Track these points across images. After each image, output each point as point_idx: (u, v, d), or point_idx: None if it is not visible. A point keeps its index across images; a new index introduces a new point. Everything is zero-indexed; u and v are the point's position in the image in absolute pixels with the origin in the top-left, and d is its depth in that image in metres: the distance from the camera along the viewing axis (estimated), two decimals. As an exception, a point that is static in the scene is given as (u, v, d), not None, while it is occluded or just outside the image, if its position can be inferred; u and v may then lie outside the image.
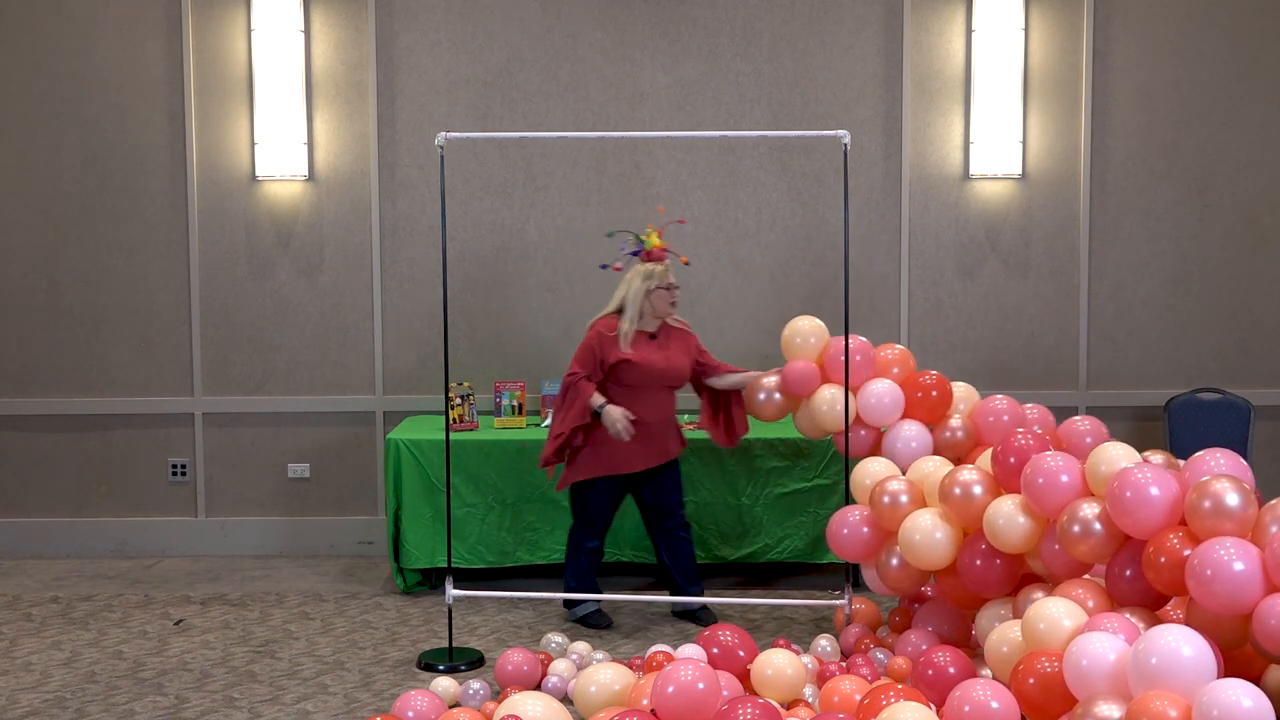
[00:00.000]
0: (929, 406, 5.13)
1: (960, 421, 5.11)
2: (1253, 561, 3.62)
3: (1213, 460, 4.05)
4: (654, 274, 5.24)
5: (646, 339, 5.28)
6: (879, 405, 5.09)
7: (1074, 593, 4.04)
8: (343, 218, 6.48)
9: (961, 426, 5.09)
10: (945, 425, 5.13)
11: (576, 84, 6.43)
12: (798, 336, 5.29)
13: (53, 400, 6.53)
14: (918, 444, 5.04)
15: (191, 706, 4.45)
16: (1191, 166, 6.46)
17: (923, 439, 5.06)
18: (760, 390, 5.31)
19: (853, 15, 6.41)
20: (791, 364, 5.25)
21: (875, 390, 5.11)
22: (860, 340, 5.19)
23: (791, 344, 5.30)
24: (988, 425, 5.09)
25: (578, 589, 5.36)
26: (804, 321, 5.32)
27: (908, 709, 3.63)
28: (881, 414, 5.11)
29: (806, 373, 5.22)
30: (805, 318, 5.33)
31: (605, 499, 5.31)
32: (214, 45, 6.40)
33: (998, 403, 5.12)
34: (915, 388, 5.14)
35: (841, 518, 4.85)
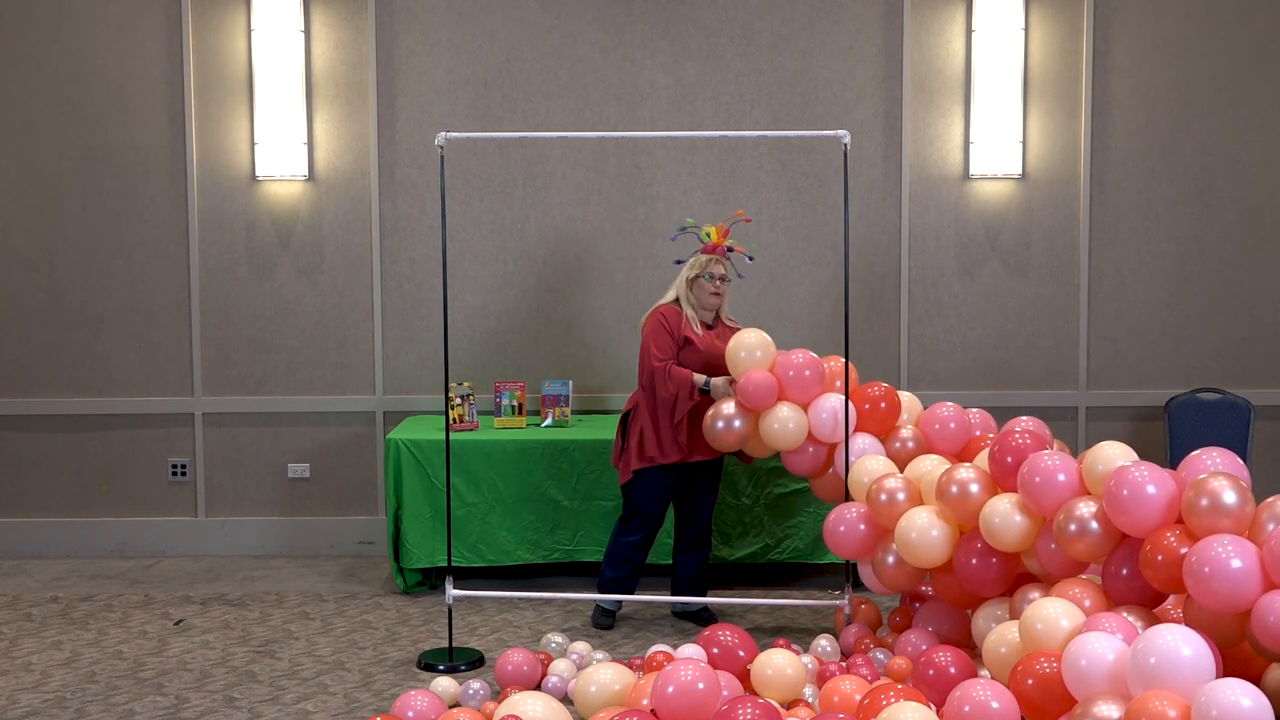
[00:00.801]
0: (879, 418, 5.08)
1: (910, 432, 5.08)
2: (1250, 559, 3.63)
3: (1209, 459, 4.06)
4: (699, 263, 5.27)
5: (704, 329, 5.30)
6: (831, 421, 5.02)
7: (1071, 592, 4.04)
8: (343, 218, 6.48)
9: (912, 436, 5.06)
10: (896, 436, 5.08)
11: (576, 84, 6.43)
12: (743, 350, 5.09)
13: (53, 400, 6.53)
14: (872, 459, 4.98)
15: (191, 706, 4.45)
16: (1191, 166, 6.47)
17: (876, 452, 5.01)
18: (719, 419, 5.09)
19: (853, 15, 6.41)
20: (749, 374, 5.05)
21: (828, 405, 5.03)
22: (808, 355, 5.09)
23: (736, 358, 5.10)
24: (935, 433, 5.06)
25: (611, 579, 5.36)
26: (750, 335, 5.13)
27: (908, 709, 3.63)
28: (833, 430, 5.03)
29: (765, 384, 5.01)
30: (751, 331, 5.17)
31: (654, 491, 5.29)
32: (214, 45, 6.40)
33: (944, 410, 5.10)
34: (864, 400, 5.08)
35: (838, 515, 4.86)
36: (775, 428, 5.02)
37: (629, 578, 5.37)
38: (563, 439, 5.86)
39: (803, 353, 5.09)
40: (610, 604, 5.40)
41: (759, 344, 5.11)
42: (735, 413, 5.07)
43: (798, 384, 5.03)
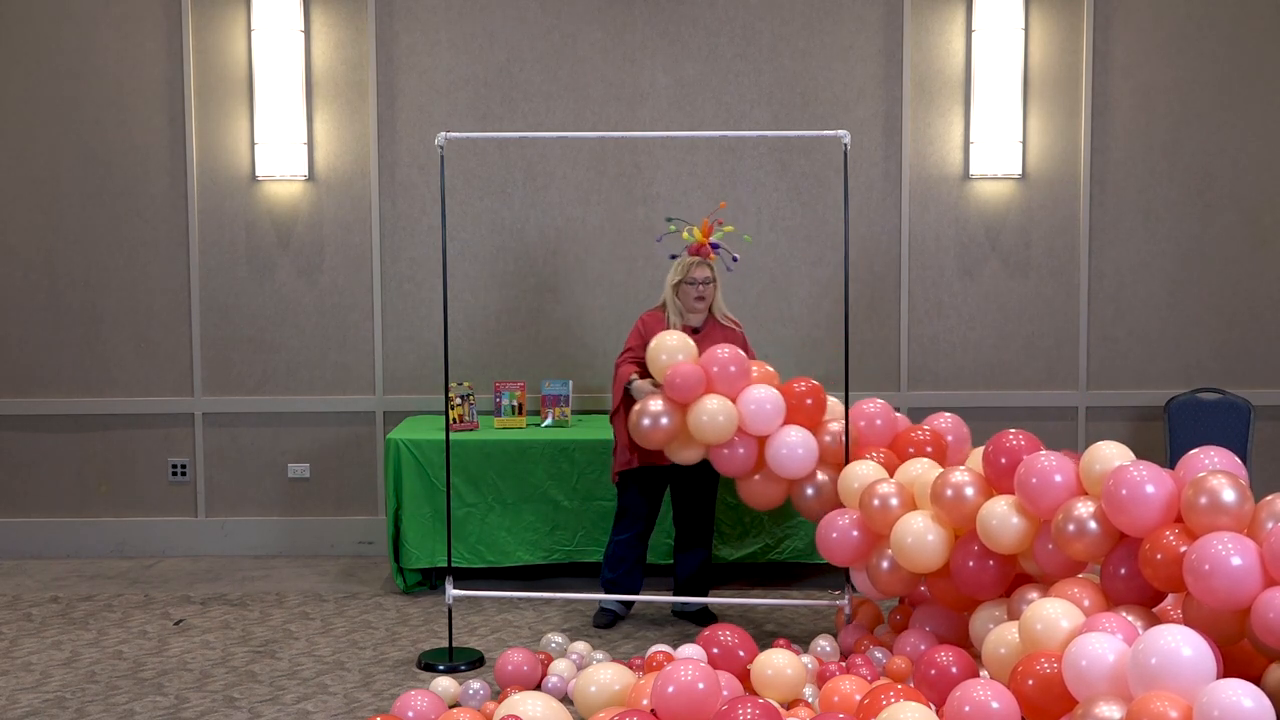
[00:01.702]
0: (808, 413, 5.04)
1: (840, 426, 5.05)
2: (1250, 556, 3.63)
3: (1206, 458, 4.07)
4: (683, 266, 5.27)
5: (689, 333, 5.26)
6: (760, 412, 4.93)
7: (1070, 592, 4.04)
8: (343, 218, 6.48)
9: (841, 431, 5.03)
10: (825, 430, 5.06)
11: (576, 84, 6.43)
12: (664, 353, 5.03)
13: (53, 400, 6.53)
14: (804, 450, 4.95)
15: (191, 706, 4.45)
16: (1191, 166, 6.47)
17: (809, 444, 4.96)
18: (645, 415, 4.98)
19: (853, 15, 6.41)
20: (677, 366, 4.96)
21: (757, 397, 4.96)
22: (735, 350, 5.03)
23: (658, 361, 5.04)
24: (860, 430, 5.07)
25: (608, 579, 5.38)
26: (671, 338, 5.07)
27: (908, 709, 3.63)
28: (764, 421, 4.95)
29: (692, 375, 4.93)
30: (672, 333, 5.10)
31: (641, 492, 5.30)
32: (214, 45, 6.40)
33: (870, 406, 5.12)
34: (793, 395, 5.03)
35: (830, 521, 4.83)
36: (704, 420, 4.91)
37: (626, 577, 5.37)
38: (563, 439, 5.86)
39: (727, 347, 5.04)
40: (611, 604, 5.40)
41: (680, 346, 5.06)
42: (662, 409, 4.97)
43: (724, 377, 4.97)
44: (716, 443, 4.98)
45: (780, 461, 4.96)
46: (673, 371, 4.96)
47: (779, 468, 4.97)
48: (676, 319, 5.27)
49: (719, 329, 5.32)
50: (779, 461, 4.96)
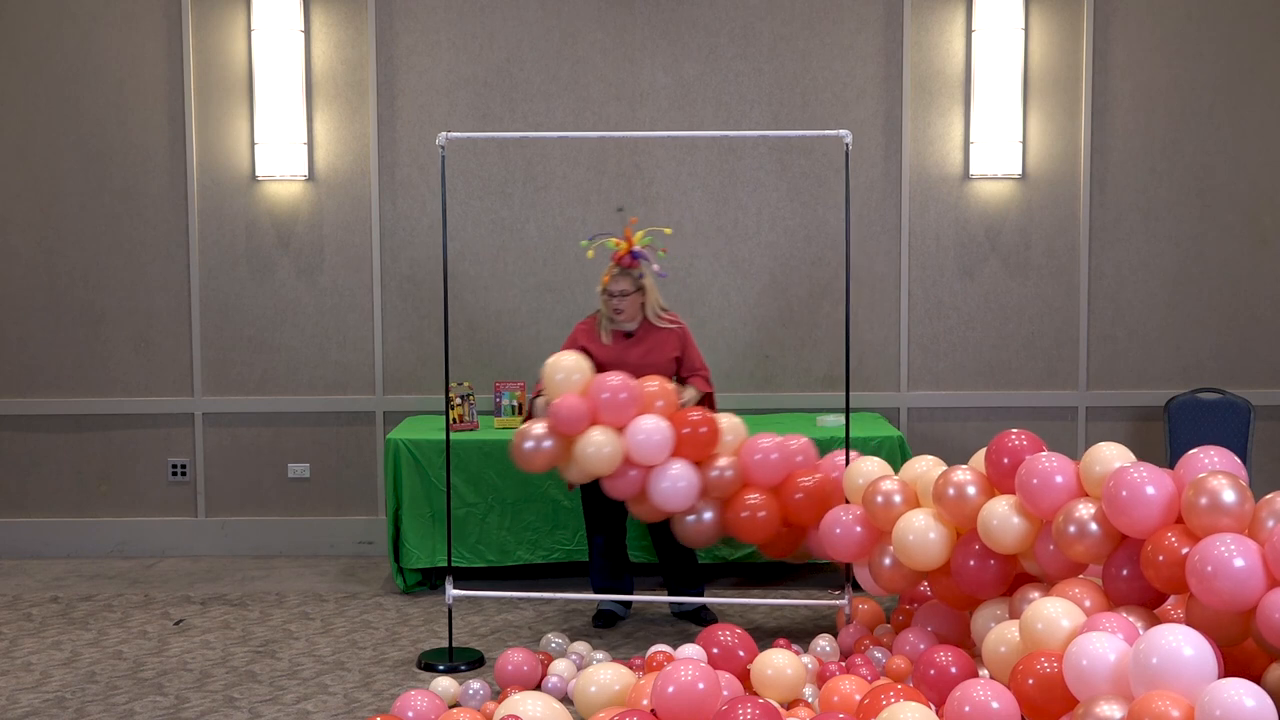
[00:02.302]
0: (698, 444, 4.93)
1: (728, 461, 4.97)
2: (1252, 557, 3.63)
3: (1206, 458, 4.06)
4: (603, 277, 5.23)
5: (623, 337, 5.27)
6: (648, 443, 4.85)
7: (1071, 592, 4.04)
8: (343, 218, 6.48)
9: (730, 465, 4.96)
10: (713, 464, 4.97)
11: (576, 84, 6.43)
12: (560, 373, 4.96)
13: (53, 400, 6.53)
14: (685, 484, 4.88)
15: (191, 706, 4.45)
16: (1191, 166, 6.47)
17: (690, 479, 4.90)
18: (526, 439, 4.94)
19: (853, 15, 6.41)
20: (559, 400, 4.90)
21: (645, 427, 4.87)
22: (626, 379, 4.93)
23: (553, 380, 4.98)
24: (754, 464, 4.97)
25: (597, 586, 5.40)
26: (567, 358, 5.01)
27: (908, 709, 3.63)
28: (651, 452, 4.87)
29: (574, 410, 4.86)
30: (568, 353, 5.06)
31: (590, 497, 5.31)
32: (214, 45, 6.40)
33: (763, 441, 4.99)
34: (683, 424, 4.93)
35: (834, 517, 4.84)
36: (590, 452, 4.86)
37: (613, 579, 5.37)
38: (563, 439, 5.85)
39: (618, 375, 4.95)
40: (609, 605, 5.39)
41: (575, 366, 4.99)
42: (544, 433, 4.92)
43: (613, 405, 4.87)
44: (602, 474, 4.94)
45: (661, 495, 4.90)
46: (555, 406, 4.90)
47: (660, 501, 4.91)
48: (607, 325, 5.26)
49: (653, 332, 5.27)
50: (660, 495, 4.90)
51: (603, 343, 5.26)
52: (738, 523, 4.96)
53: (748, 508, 4.93)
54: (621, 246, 5.23)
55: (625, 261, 5.21)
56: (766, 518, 4.93)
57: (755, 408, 6.44)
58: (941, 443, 6.35)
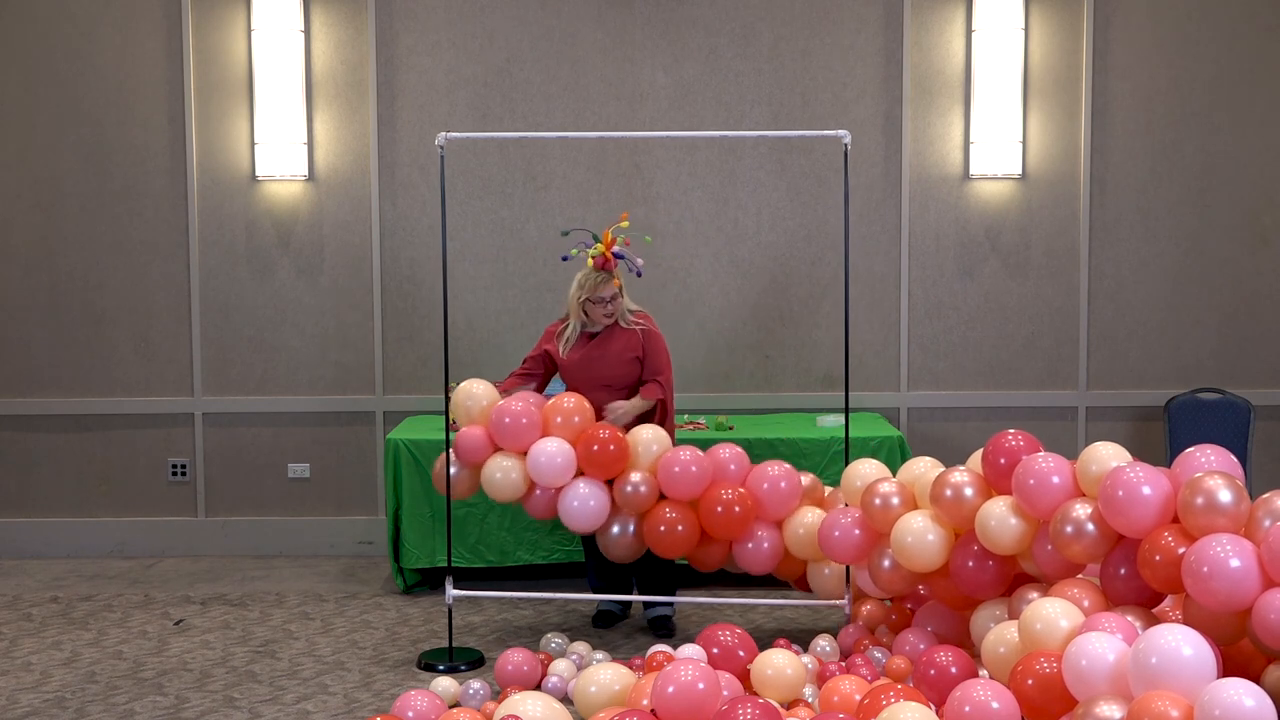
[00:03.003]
0: (604, 463, 4.86)
1: (641, 476, 4.88)
2: (1248, 557, 3.63)
3: (1203, 457, 4.06)
4: (584, 284, 5.12)
5: (587, 339, 5.21)
6: (550, 466, 4.82)
7: (1069, 592, 4.04)
8: (343, 218, 6.48)
9: (643, 480, 4.87)
10: (626, 480, 4.88)
11: (576, 84, 6.43)
12: (468, 399, 5.00)
13: (53, 400, 6.53)
14: (594, 502, 4.84)
15: (191, 706, 4.45)
16: (1191, 166, 6.47)
17: (598, 497, 4.84)
18: (439, 470, 5.03)
19: (853, 15, 6.41)
20: (461, 432, 4.95)
21: (546, 450, 4.84)
22: (528, 404, 4.91)
23: (462, 407, 5.01)
24: (671, 477, 4.86)
25: (592, 586, 5.41)
26: (476, 385, 5.02)
27: (908, 709, 3.63)
28: (554, 475, 4.84)
29: (473, 441, 4.92)
30: (477, 381, 5.07)
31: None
32: (214, 45, 6.40)
33: (683, 454, 4.86)
34: (589, 442, 4.87)
35: (832, 520, 4.83)
36: (497, 478, 4.90)
37: (609, 578, 5.34)
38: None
39: (521, 400, 4.93)
40: (608, 605, 5.38)
41: (484, 394, 5.01)
42: (454, 459, 5.00)
43: (511, 432, 4.87)
44: (510, 499, 4.97)
45: (569, 515, 4.88)
46: (457, 438, 4.95)
47: (569, 521, 4.88)
48: (577, 326, 5.18)
49: (616, 334, 5.16)
50: (568, 515, 4.88)
51: (567, 349, 5.17)
52: (655, 537, 4.86)
53: (664, 522, 4.84)
54: (599, 247, 5.13)
55: (609, 266, 5.11)
56: (684, 532, 4.84)
57: (755, 408, 6.45)
58: (941, 443, 6.35)
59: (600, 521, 4.92)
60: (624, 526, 4.95)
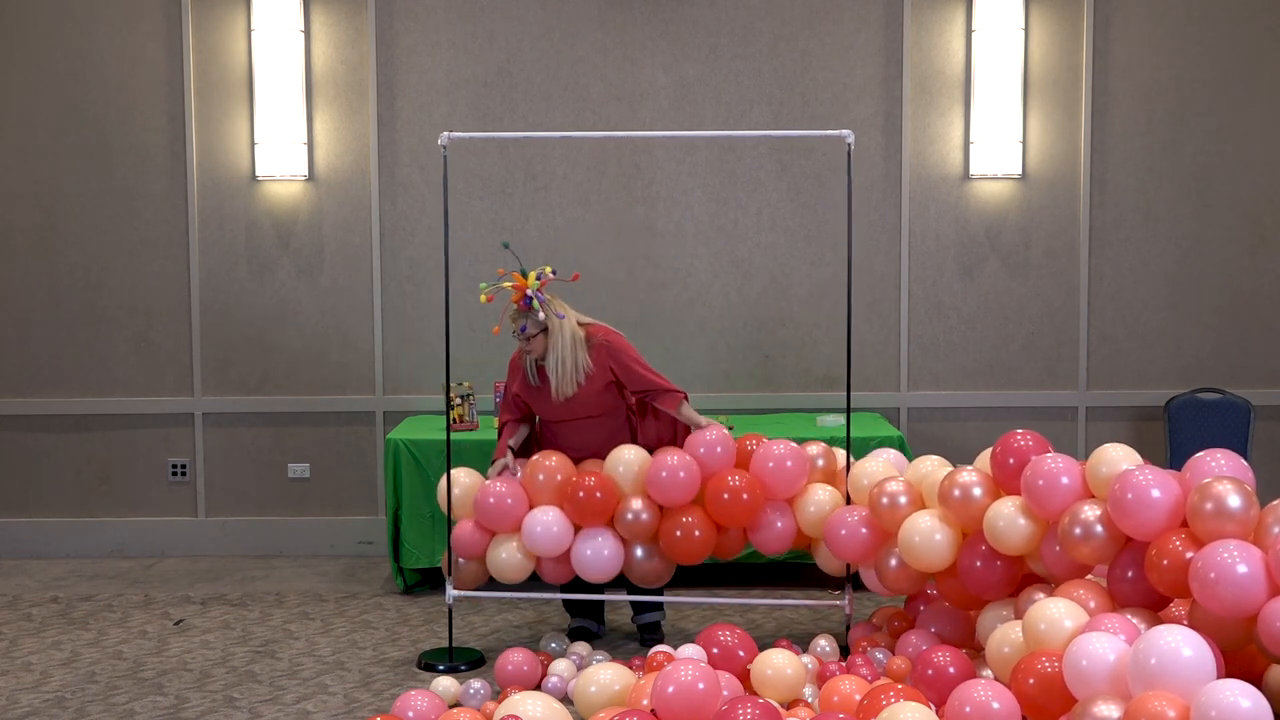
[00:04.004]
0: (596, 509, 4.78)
1: (637, 504, 4.80)
2: (1256, 564, 3.62)
3: (1213, 461, 4.04)
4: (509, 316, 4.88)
5: (562, 404, 4.93)
6: (547, 536, 4.77)
7: (1075, 593, 4.04)
8: (343, 218, 6.48)
9: (642, 508, 4.81)
10: (623, 513, 4.80)
11: (576, 84, 6.43)
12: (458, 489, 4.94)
13: (53, 400, 6.53)
14: (608, 551, 4.80)
15: (191, 706, 4.45)
16: (1191, 166, 6.46)
17: (609, 542, 4.81)
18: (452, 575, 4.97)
19: (853, 15, 6.41)
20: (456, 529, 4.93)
21: (540, 521, 4.78)
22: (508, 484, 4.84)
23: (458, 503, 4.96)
24: (661, 490, 4.77)
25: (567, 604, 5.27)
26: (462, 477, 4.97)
27: (908, 709, 3.63)
28: (553, 544, 4.80)
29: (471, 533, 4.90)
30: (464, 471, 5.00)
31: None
32: (214, 45, 6.40)
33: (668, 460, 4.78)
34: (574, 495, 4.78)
35: (839, 519, 4.83)
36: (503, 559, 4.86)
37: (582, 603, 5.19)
38: (562, 439, 5.84)
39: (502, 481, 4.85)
40: (582, 622, 5.19)
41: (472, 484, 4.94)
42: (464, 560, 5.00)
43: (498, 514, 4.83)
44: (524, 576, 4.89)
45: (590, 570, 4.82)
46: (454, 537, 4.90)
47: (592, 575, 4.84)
48: (528, 361, 4.92)
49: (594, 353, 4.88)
50: (589, 571, 4.83)
51: (531, 383, 4.93)
52: (676, 550, 4.81)
53: (679, 528, 4.78)
54: (515, 293, 4.88)
55: (521, 306, 4.86)
56: (701, 536, 4.79)
57: (755, 408, 6.45)
58: (941, 443, 6.35)
59: (621, 562, 4.84)
60: (647, 552, 4.87)
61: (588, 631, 5.16)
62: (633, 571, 4.90)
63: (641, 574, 4.91)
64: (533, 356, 4.90)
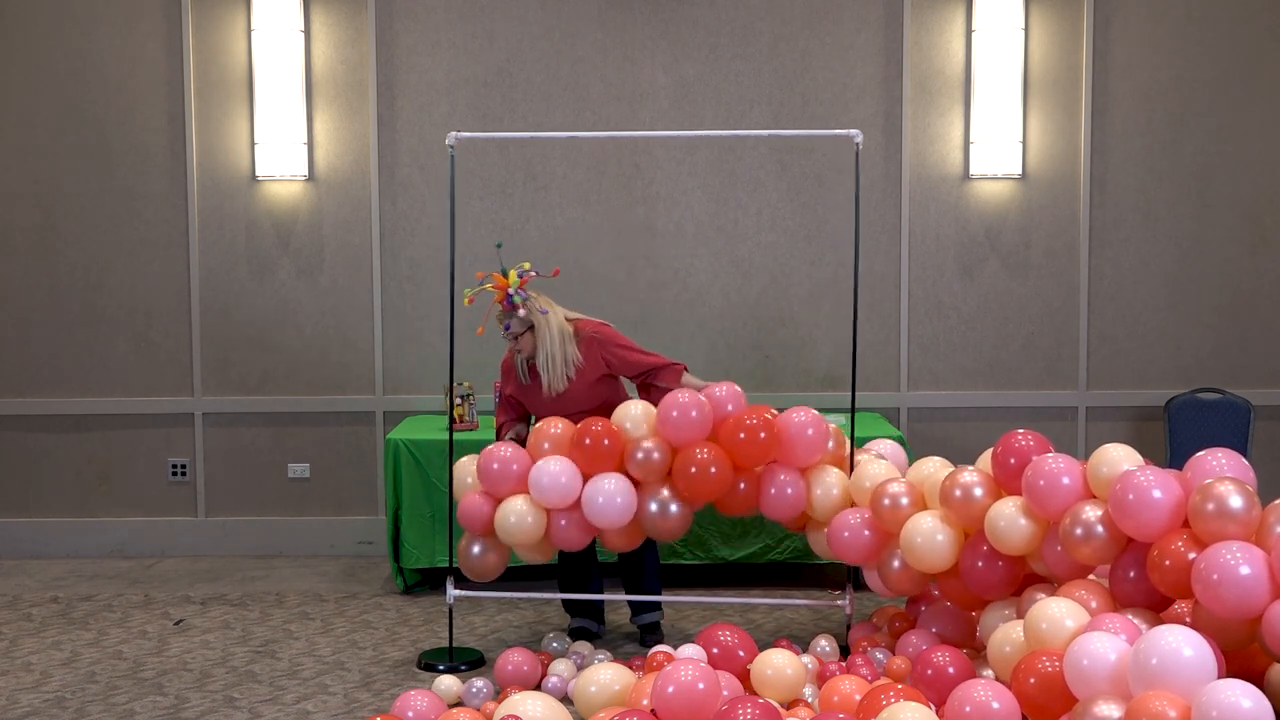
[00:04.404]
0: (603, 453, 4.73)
1: (648, 443, 4.73)
2: (1258, 565, 3.62)
3: (1215, 461, 4.04)
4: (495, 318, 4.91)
5: (553, 401, 4.96)
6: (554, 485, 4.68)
7: (1076, 593, 4.04)
8: (343, 218, 6.48)
9: (654, 447, 4.72)
10: (634, 452, 4.71)
11: (576, 84, 6.43)
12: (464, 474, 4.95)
13: (53, 400, 6.53)
14: (621, 499, 4.68)
15: (191, 706, 4.45)
16: (1191, 166, 6.47)
17: (621, 486, 4.70)
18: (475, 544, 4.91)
19: (853, 15, 6.41)
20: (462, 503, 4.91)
21: (547, 470, 4.69)
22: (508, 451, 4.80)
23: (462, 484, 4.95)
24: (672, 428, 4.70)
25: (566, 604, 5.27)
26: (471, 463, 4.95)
27: (908, 709, 3.63)
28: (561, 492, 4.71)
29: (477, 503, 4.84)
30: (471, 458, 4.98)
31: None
32: (214, 45, 6.40)
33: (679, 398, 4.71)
34: (581, 440, 4.74)
35: (842, 520, 4.82)
36: (511, 523, 4.76)
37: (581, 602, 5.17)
38: (563, 439, 5.84)
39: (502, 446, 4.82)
40: (581, 622, 5.17)
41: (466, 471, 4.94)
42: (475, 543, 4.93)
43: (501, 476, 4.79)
44: (536, 541, 4.81)
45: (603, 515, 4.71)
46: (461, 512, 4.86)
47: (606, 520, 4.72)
48: (521, 361, 4.98)
49: (584, 348, 4.93)
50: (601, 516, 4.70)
51: (523, 383, 4.98)
52: (690, 484, 4.66)
53: (694, 463, 4.63)
54: (498, 294, 4.93)
55: (505, 306, 4.92)
56: (717, 473, 4.65)
57: (755, 408, 6.44)
58: (942, 443, 6.35)
59: (634, 507, 4.70)
60: (662, 503, 4.72)
61: (588, 631, 5.15)
62: (653, 524, 4.75)
63: (662, 528, 4.76)
64: (523, 355, 4.92)
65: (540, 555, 4.94)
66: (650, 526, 4.79)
